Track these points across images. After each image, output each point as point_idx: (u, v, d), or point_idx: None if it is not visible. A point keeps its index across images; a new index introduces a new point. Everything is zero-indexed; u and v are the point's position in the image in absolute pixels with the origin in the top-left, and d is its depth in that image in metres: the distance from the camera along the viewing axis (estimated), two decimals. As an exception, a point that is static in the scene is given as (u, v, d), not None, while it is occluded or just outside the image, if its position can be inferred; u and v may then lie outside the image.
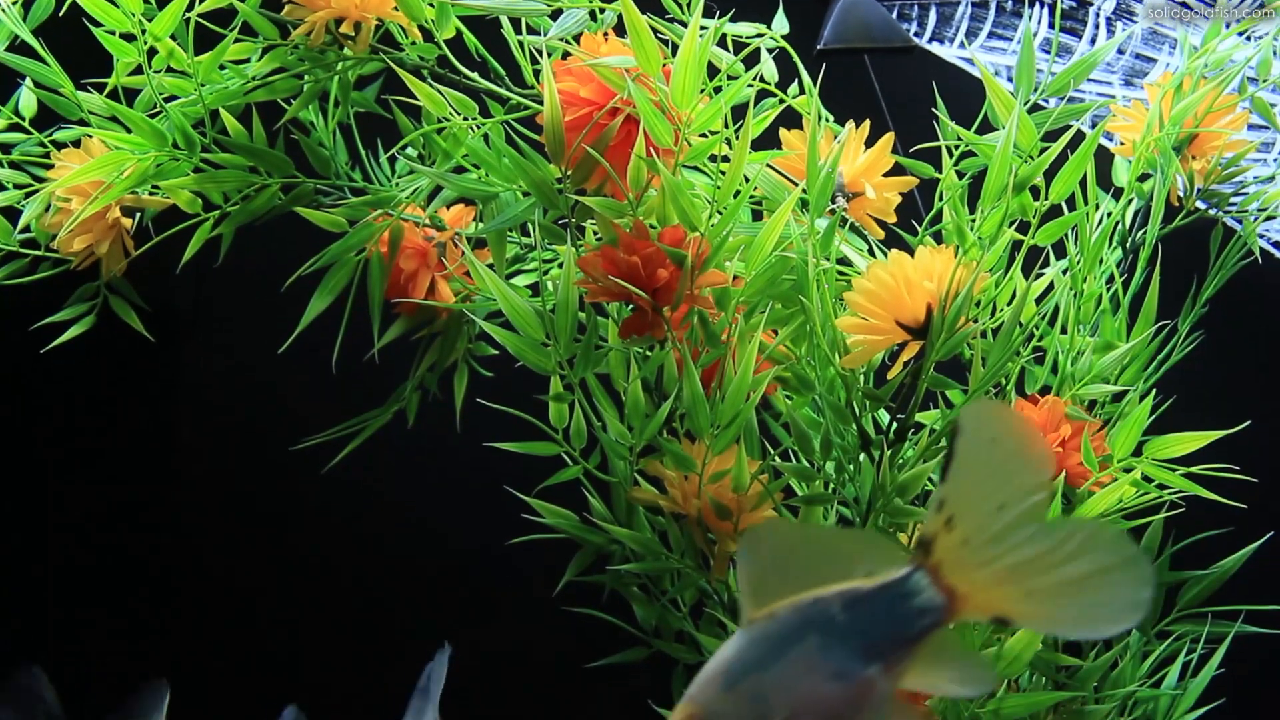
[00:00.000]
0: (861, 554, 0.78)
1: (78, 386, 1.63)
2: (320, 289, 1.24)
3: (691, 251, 1.13)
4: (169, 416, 1.67)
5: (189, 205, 1.23)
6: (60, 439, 1.65)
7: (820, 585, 0.77)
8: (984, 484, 0.76)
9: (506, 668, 1.67)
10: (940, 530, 0.76)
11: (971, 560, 0.76)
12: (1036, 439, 0.77)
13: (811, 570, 0.78)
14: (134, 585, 1.65)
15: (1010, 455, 0.76)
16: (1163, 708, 1.28)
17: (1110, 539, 0.73)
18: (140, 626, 1.65)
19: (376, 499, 1.65)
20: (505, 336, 1.17)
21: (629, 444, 1.20)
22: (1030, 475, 0.75)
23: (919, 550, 0.77)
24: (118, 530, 1.65)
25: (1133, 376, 1.25)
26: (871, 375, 1.21)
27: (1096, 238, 1.23)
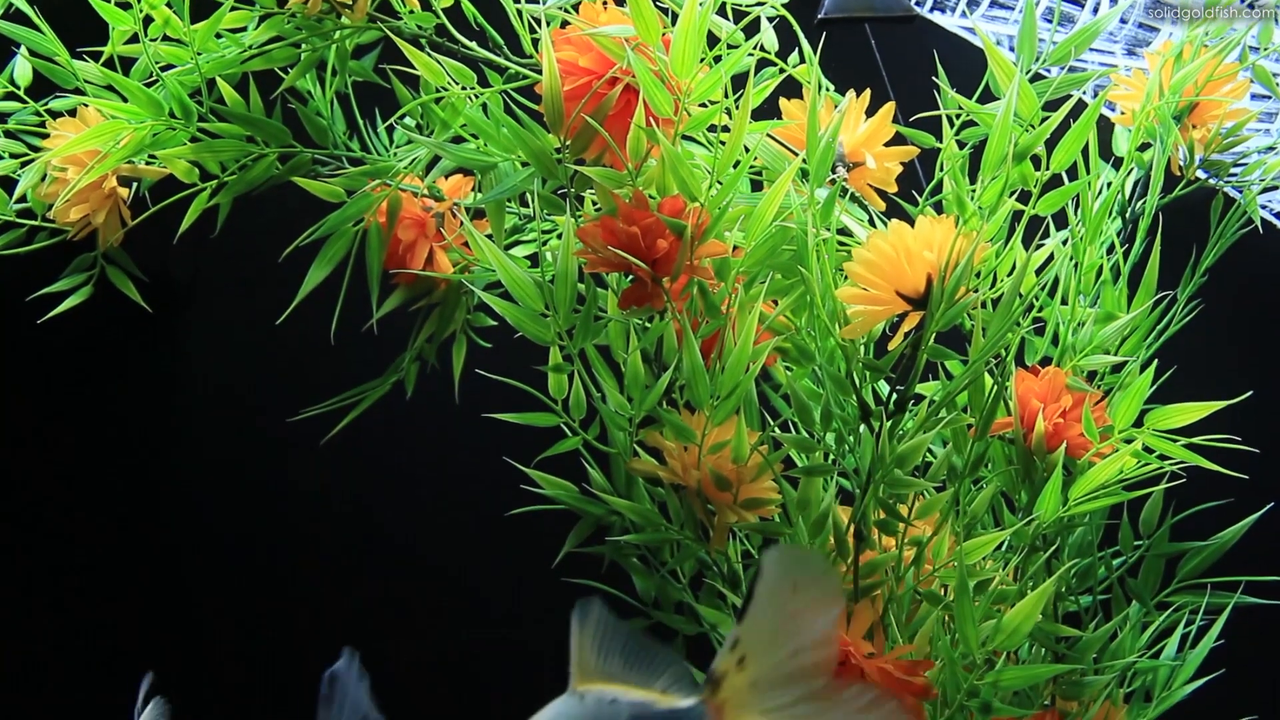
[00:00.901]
0: (666, 670, 0.82)
1: (75, 357, 1.62)
2: (318, 259, 1.24)
3: (691, 222, 1.13)
4: (167, 386, 1.66)
5: (186, 175, 1.22)
6: (57, 411, 1.64)
7: (624, 680, 0.82)
8: (780, 628, 0.77)
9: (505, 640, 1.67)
10: (731, 669, 0.78)
11: (755, 704, 0.78)
12: (835, 586, 0.78)
13: (624, 662, 0.83)
14: (132, 557, 1.65)
15: (809, 602, 0.77)
16: (1162, 678, 1.28)
17: (891, 712, 0.75)
18: (138, 597, 1.65)
19: (374, 470, 1.64)
20: (504, 307, 1.16)
21: (628, 415, 1.19)
22: (823, 624, 0.77)
23: (708, 685, 0.79)
24: (116, 502, 1.65)
25: (1133, 347, 1.25)
26: (871, 346, 1.21)
27: (1098, 208, 1.22)
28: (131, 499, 1.65)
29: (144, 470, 1.65)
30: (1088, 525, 1.29)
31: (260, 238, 1.29)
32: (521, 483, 1.23)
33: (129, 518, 1.65)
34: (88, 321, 1.29)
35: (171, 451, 1.65)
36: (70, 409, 1.64)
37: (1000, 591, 1.15)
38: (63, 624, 1.64)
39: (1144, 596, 1.29)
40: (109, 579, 1.65)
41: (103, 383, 1.64)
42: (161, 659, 1.63)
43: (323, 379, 1.31)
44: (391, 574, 1.65)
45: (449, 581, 1.66)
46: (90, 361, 1.62)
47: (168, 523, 1.65)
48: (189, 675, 1.63)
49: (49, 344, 1.53)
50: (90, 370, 1.63)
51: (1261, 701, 1.33)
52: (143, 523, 1.65)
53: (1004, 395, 1.18)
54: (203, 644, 1.64)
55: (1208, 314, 1.31)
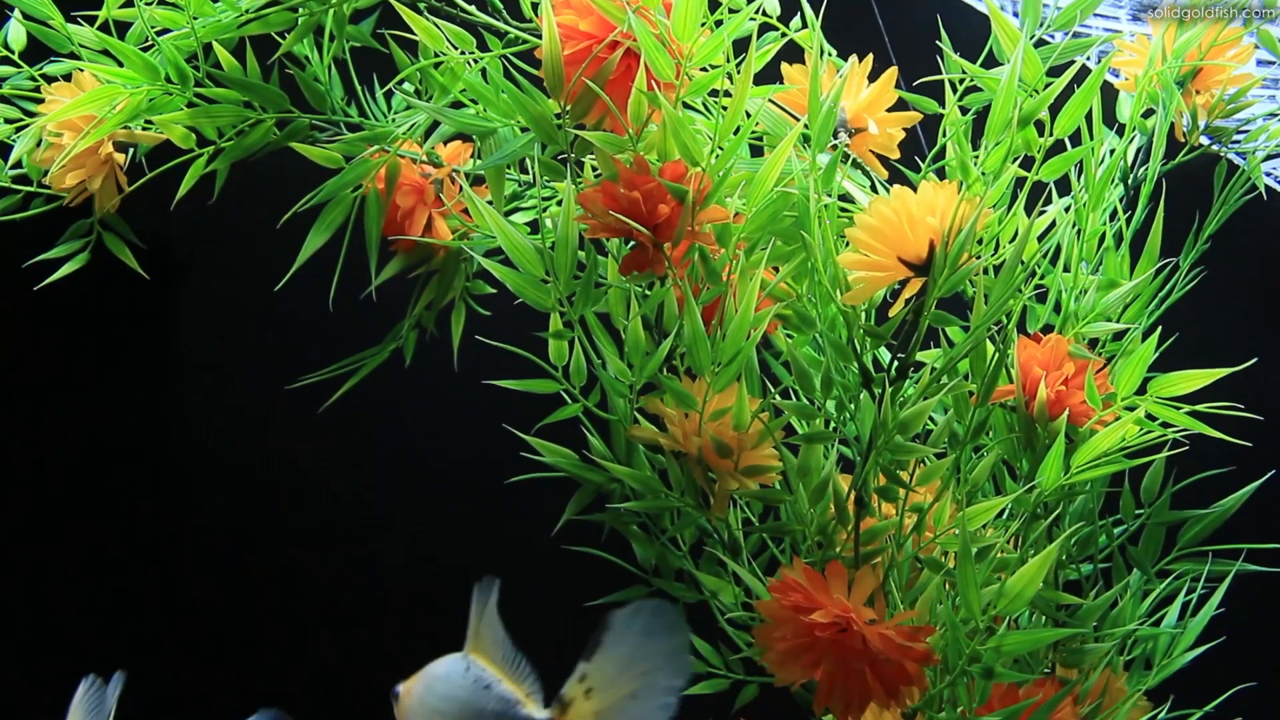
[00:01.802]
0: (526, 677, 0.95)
1: (72, 323, 1.62)
2: (316, 226, 1.23)
3: (693, 187, 1.12)
4: (165, 353, 1.66)
5: (183, 140, 1.22)
6: (54, 380, 1.64)
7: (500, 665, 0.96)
8: (625, 672, 0.91)
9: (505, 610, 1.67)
10: (579, 696, 0.92)
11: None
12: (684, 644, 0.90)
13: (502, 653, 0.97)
14: (131, 525, 1.64)
15: (657, 653, 0.90)
16: (1162, 646, 1.28)
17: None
18: (137, 565, 1.64)
19: (373, 439, 1.64)
20: (504, 273, 1.16)
21: (629, 382, 1.19)
22: (668, 677, 0.90)
23: (558, 704, 0.93)
24: (115, 471, 1.65)
25: (1135, 314, 1.25)
26: (873, 313, 1.20)
27: (1101, 175, 1.22)
28: (129, 464, 1.65)
29: (142, 437, 1.64)
30: (1089, 493, 1.28)
31: (258, 204, 1.28)
32: (521, 450, 1.23)
33: (127, 484, 1.65)
34: (85, 287, 1.28)
35: (170, 418, 1.64)
36: (68, 375, 1.64)
37: (1001, 559, 1.15)
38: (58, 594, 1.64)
39: (1145, 564, 1.28)
40: (105, 549, 1.64)
41: (101, 349, 1.64)
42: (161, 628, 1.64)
43: (321, 346, 1.30)
44: (389, 543, 1.65)
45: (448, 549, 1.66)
46: (87, 327, 1.62)
47: (165, 489, 1.65)
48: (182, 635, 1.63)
49: (46, 310, 1.52)
50: (88, 336, 1.62)
51: (1261, 669, 1.33)
52: (140, 489, 1.65)
53: (1006, 362, 1.17)
54: (199, 613, 1.64)
55: (1210, 281, 1.30)
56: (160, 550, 1.65)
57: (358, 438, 1.62)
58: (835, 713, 1.12)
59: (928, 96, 1.25)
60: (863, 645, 1.08)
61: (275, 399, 1.37)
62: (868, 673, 1.09)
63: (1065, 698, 1.20)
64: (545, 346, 1.20)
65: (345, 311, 1.25)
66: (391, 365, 1.32)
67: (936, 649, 1.11)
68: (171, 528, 1.65)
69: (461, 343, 1.33)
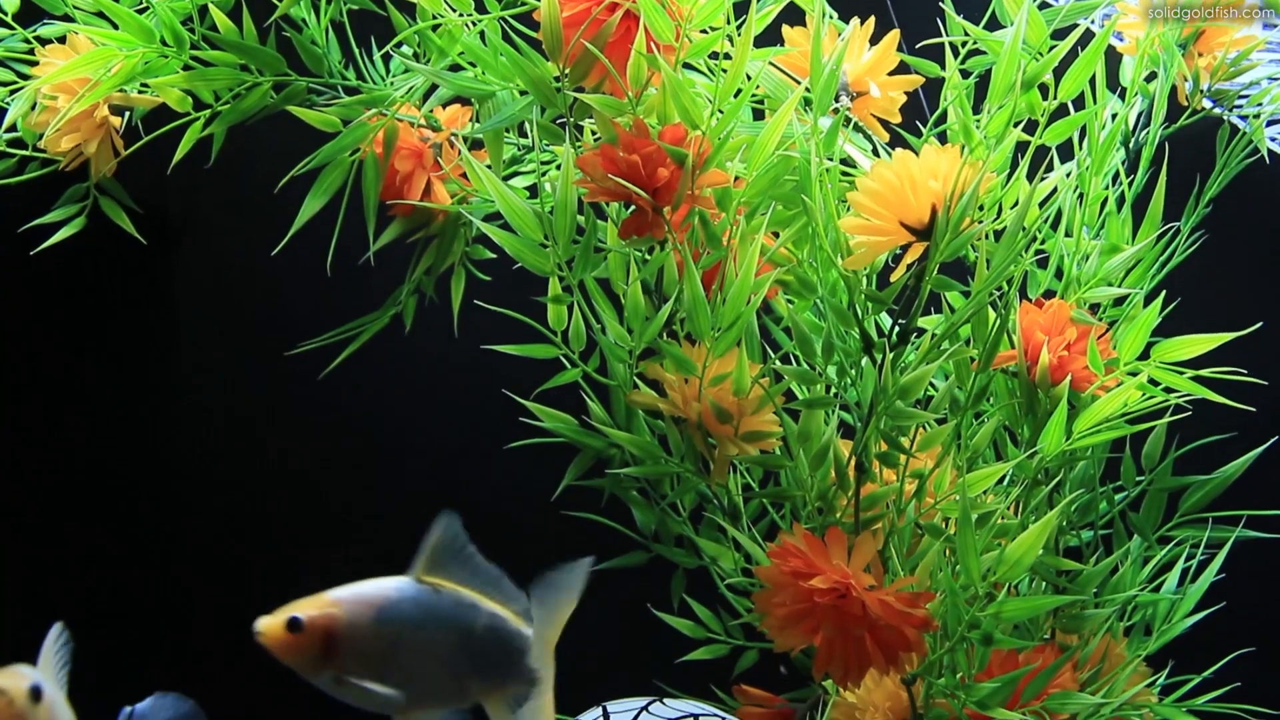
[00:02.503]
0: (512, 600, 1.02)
1: (69, 289, 1.61)
2: (314, 190, 1.22)
3: (693, 150, 1.11)
4: (162, 317, 1.65)
5: (179, 104, 1.21)
6: (51, 344, 1.63)
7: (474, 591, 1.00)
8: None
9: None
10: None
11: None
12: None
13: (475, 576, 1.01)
14: (129, 490, 1.64)
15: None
16: (1162, 612, 1.28)
17: None
18: (136, 525, 1.64)
19: (372, 404, 1.64)
20: (503, 238, 1.15)
21: (628, 347, 1.18)
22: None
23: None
24: (111, 436, 1.64)
25: (1138, 279, 1.24)
26: (874, 277, 1.20)
27: (1104, 139, 1.21)
28: (124, 428, 1.64)
29: (138, 402, 1.64)
30: (1090, 459, 1.28)
31: (256, 168, 1.27)
32: (520, 415, 1.23)
33: (123, 448, 1.64)
34: (81, 252, 1.28)
35: (167, 382, 1.64)
36: (64, 339, 1.63)
37: (1001, 525, 1.15)
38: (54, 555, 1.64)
39: (1145, 530, 1.28)
40: (103, 511, 1.64)
41: (97, 313, 1.63)
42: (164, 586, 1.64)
43: (320, 311, 1.29)
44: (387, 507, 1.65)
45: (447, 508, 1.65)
46: (84, 292, 1.61)
47: (163, 453, 1.65)
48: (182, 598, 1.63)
49: (43, 275, 1.51)
50: (84, 301, 1.62)
51: (1260, 635, 1.33)
52: (137, 453, 1.64)
53: (1007, 328, 1.17)
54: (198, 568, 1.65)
55: (1212, 245, 1.29)
56: (155, 515, 1.65)
57: (356, 403, 1.61)
58: (834, 678, 1.12)
59: (930, 60, 1.24)
60: (862, 611, 1.08)
61: (273, 364, 1.37)
62: (867, 638, 1.09)
63: (1065, 664, 1.20)
64: (545, 311, 1.19)
65: (344, 276, 1.25)
66: (391, 330, 1.32)
67: (936, 615, 1.11)
68: (169, 488, 1.64)
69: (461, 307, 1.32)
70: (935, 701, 1.19)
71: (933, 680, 1.18)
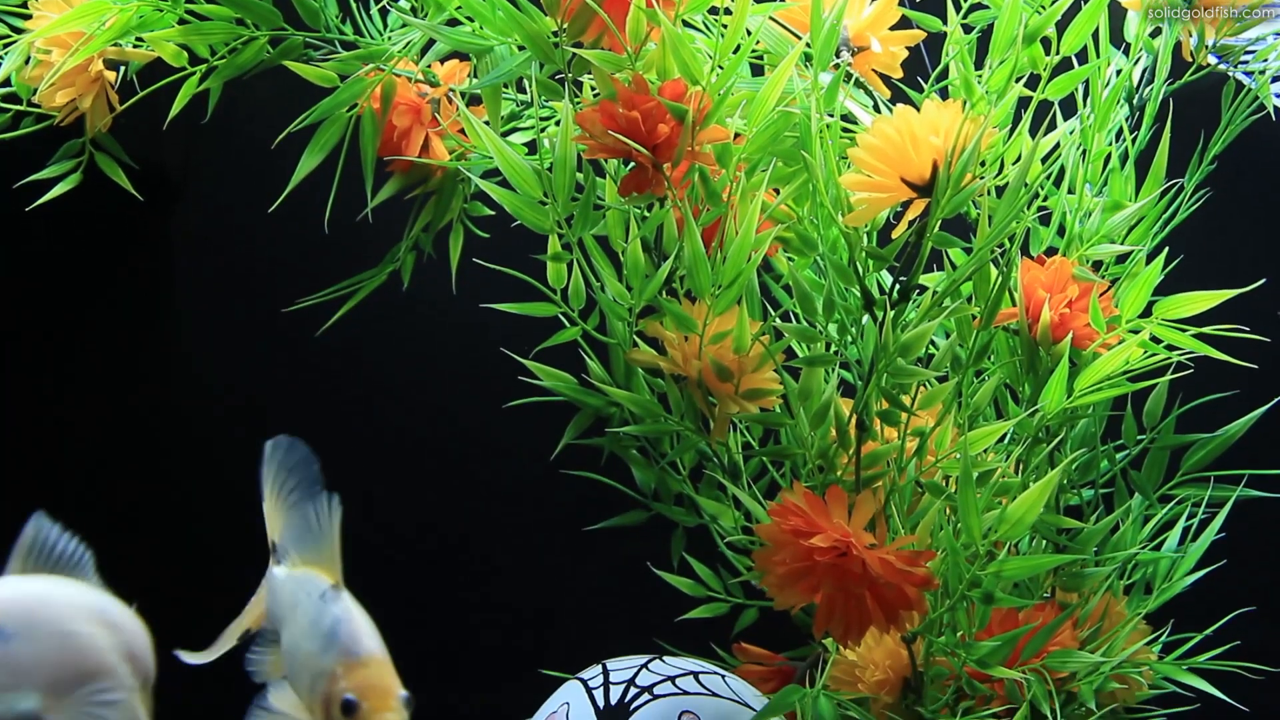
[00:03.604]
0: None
1: (65, 245, 1.61)
2: (311, 146, 1.21)
3: (692, 106, 1.10)
4: (157, 275, 1.65)
5: (174, 59, 1.20)
6: (48, 302, 1.63)
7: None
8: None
9: (505, 534, 1.67)
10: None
11: None
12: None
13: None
14: (129, 448, 1.64)
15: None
16: (1162, 571, 1.28)
17: None
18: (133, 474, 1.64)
19: (371, 359, 1.63)
20: (502, 194, 1.14)
21: (628, 304, 1.18)
22: None
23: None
24: (112, 394, 1.64)
25: (1140, 236, 1.23)
26: (875, 234, 1.19)
27: (1108, 94, 1.20)
28: (125, 385, 1.64)
29: (138, 358, 1.64)
30: (1091, 417, 1.28)
31: (252, 124, 1.26)
32: (519, 374, 1.22)
33: (123, 403, 1.64)
34: (77, 209, 1.27)
35: (165, 338, 1.64)
36: (62, 296, 1.63)
37: (1003, 484, 1.14)
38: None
39: (1147, 489, 1.28)
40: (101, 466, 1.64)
41: (94, 270, 1.63)
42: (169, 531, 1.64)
43: (318, 268, 1.29)
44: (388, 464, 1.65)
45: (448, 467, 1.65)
46: (81, 248, 1.61)
47: (161, 409, 1.65)
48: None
49: (39, 231, 1.51)
50: (81, 257, 1.61)
51: (1261, 594, 1.33)
52: (136, 408, 1.64)
53: (1009, 285, 1.16)
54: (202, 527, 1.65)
55: (1216, 202, 1.28)
56: (154, 470, 1.65)
57: (354, 361, 1.61)
58: (834, 637, 1.12)
59: (932, 14, 1.23)
60: (862, 570, 1.08)
61: (271, 321, 1.36)
62: (867, 597, 1.09)
63: (1065, 622, 1.20)
64: (543, 269, 1.18)
65: (342, 233, 1.24)
66: (389, 288, 1.31)
67: (936, 574, 1.11)
68: (167, 445, 1.64)
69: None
70: (935, 659, 1.19)
71: (933, 638, 1.18)
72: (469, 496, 1.66)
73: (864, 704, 1.21)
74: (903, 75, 1.24)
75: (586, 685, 1.18)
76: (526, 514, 1.65)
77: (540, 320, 1.21)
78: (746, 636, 1.35)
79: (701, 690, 1.17)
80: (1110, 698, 1.24)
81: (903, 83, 1.24)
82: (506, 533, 1.66)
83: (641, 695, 1.16)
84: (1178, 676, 1.25)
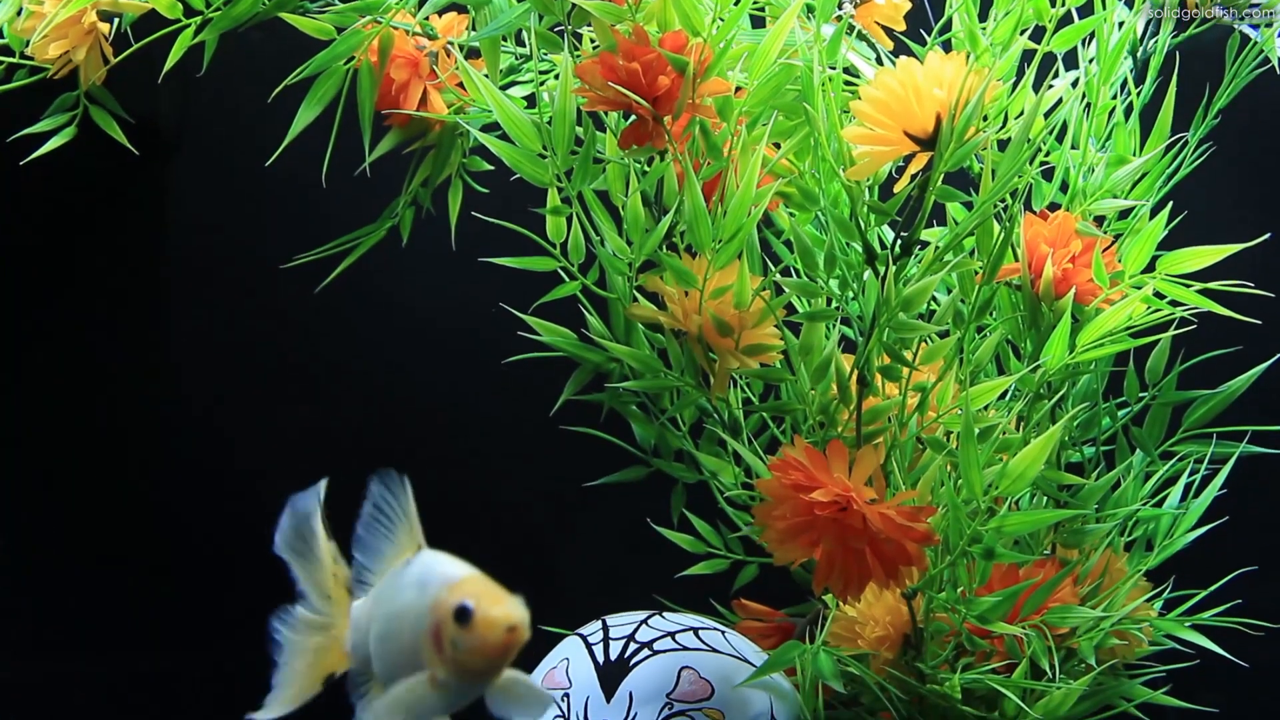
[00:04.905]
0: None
1: (59, 199, 1.60)
2: (307, 99, 1.20)
3: (693, 58, 1.09)
4: (154, 230, 1.64)
5: (169, 10, 1.18)
6: (41, 255, 1.62)
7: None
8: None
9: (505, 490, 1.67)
10: None
11: None
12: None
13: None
14: (121, 403, 1.64)
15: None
16: (1163, 527, 1.28)
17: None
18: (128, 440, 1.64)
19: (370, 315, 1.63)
20: (501, 148, 1.13)
21: (628, 259, 1.17)
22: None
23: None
24: (107, 348, 1.64)
25: (1144, 191, 1.22)
26: (877, 189, 1.18)
27: (1113, 47, 1.19)
28: (120, 340, 1.63)
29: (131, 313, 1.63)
30: (1093, 373, 1.27)
31: (248, 77, 1.25)
32: (518, 329, 1.22)
33: (118, 359, 1.64)
34: (72, 164, 1.26)
35: (159, 294, 1.63)
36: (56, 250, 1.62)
37: (1004, 440, 1.14)
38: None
39: (1148, 445, 1.27)
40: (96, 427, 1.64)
41: (89, 228, 1.62)
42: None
43: (316, 223, 1.28)
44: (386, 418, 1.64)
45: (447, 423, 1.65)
46: (75, 202, 1.60)
47: (159, 366, 1.64)
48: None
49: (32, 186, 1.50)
50: (75, 212, 1.61)
51: (1262, 551, 1.33)
52: (132, 365, 1.64)
53: (1011, 240, 1.15)
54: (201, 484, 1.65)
55: (1220, 157, 1.28)
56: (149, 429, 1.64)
57: (353, 316, 1.60)
58: (834, 592, 1.11)
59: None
60: (863, 525, 1.07)
61: (268, 276, 1.35)
62: (867, 553, 1.09)
63: (1065, 578, 1.20)
64: (543, 223, 1.18)
65: (340, 188, 1.23)
66: (388, 243, 1.30)
67: (937, 529, 1.10)
68: (162, 403, 1.64)
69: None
70: (935, 615, 1.19)
71: (933, 594, 1.17)
72: (467, 454, 1.66)
73: (864, 660, 1.21)
74: (906, 28, 1.23)
75: (586, 641, 1.18)
76: (525, 471, 1.64)
77: (536, 279, 1.20)
78: (746, 593, 1.34)
79: (701, 646, 1.17)
80: (1110, 654, 1.24)
81: (906, 35, 1.23)
82: (505, 490, 1.66)
83: (641, 651, 1.16)
84: (1178, 633, 1.25)
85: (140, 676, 1.64)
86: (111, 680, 1.64)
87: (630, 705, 1.13)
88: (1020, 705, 1.16)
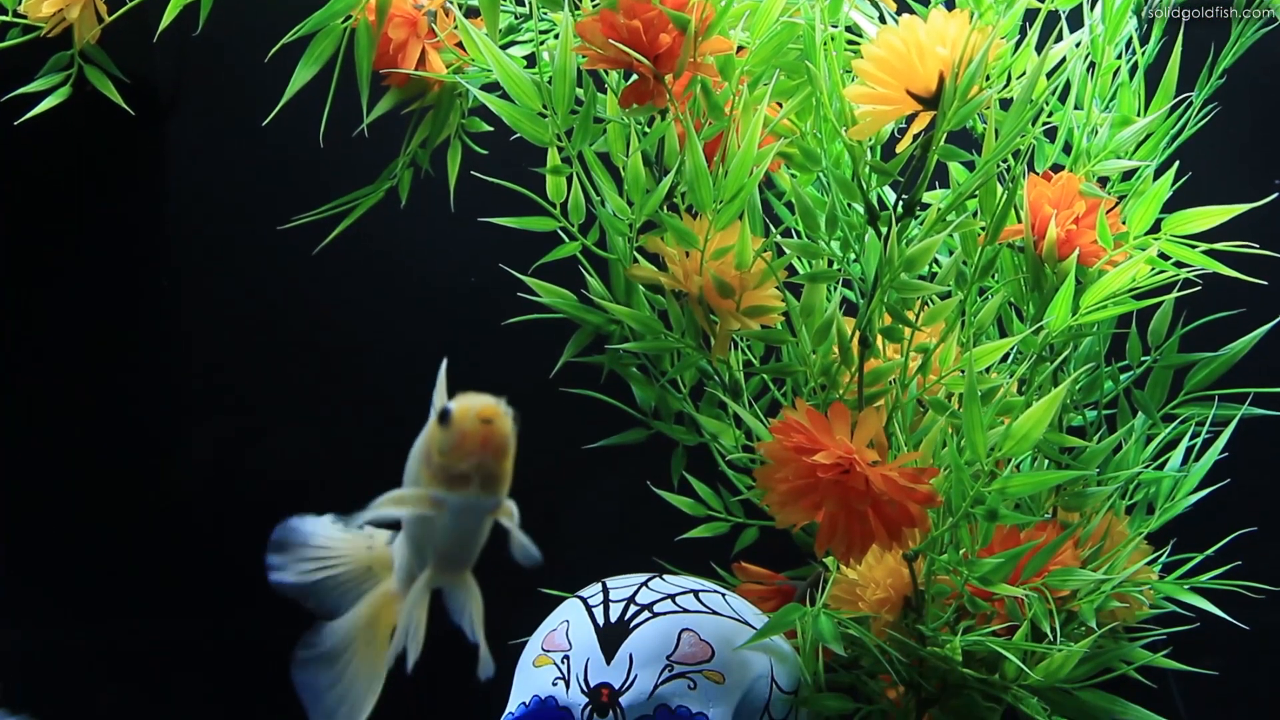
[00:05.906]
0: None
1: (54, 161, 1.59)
2: (304, 59, 1.19)
3: (695, 16, 1.08)
4: (150, 192, 1.63)
5: (164, -32, 1.17)
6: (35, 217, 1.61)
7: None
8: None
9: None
10: None
11: None
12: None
13: None
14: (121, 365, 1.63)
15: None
16: (1164, 490, 1.27)
17: None
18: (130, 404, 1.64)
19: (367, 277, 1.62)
20: (501, 107, 1.12)
21: (628, 219, 1.16)
22: None
23: None
24: (105, 309, 1.63)
25: (1149, 152, 1.21)
26: (879, 149, 1.17)
27: (1118, 6, 1.18)
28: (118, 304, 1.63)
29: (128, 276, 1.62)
30: (1096, 335, 1.27)
31: (245, 36, 1.24)
32: (519, 290, 1.21)
33: (117, 325, 1.63)
34: (67, 124, 1.25)
35: (155, 256, 1.62)
36: (50, 213, 1.61)
37: (1006, 402, 1.13)
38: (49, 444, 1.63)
39: (1150, 408, 1.27)
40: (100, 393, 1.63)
41: (84, 190, 1.61)
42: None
43: (315, 184, 1.27)
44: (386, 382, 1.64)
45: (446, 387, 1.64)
46: (70, 166, 1.59)
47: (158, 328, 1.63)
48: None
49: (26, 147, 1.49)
50: (70, 173, 1.60)
51: (1263, 513, 1.33)
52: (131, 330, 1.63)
53: (1014, 201, 1.14)
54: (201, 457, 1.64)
55: (1225, 117, 1.27)
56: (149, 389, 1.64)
57: (352, 278, 1.59)
58: (836, 555, 1.11)
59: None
60: (865, 487, 1.07)
61: (265, 239, 1.35)
62: (870, 515, 1.08)
63: (1067, 541, 1.20)
64: (543, 183, 1.17)
65: (338, 148, 1.22)
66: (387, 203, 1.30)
67: (940, 491, 1.10)
68: (160, 371, 1.63)
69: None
70: (937, 578, 1.19)
71: (935, 556, 1.17)
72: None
73: (864, 622, 1.21)
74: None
75: (586, 603, 1.18)
76: (525, 433, 1.63)
77: (538, 236, 1.19)
78: (747, 556, 1.34)
79: (702, 608, 1.17)
80: (1111, 616, 1.23)
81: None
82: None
83: (641, 613, 1.15)
84: (1179, 595, 1.25)
85: (143, 643, 1.64)
86: (112, 646, 1.64)
87: (630, 667, 1.12)
88: (1021, 667, 1.16)
